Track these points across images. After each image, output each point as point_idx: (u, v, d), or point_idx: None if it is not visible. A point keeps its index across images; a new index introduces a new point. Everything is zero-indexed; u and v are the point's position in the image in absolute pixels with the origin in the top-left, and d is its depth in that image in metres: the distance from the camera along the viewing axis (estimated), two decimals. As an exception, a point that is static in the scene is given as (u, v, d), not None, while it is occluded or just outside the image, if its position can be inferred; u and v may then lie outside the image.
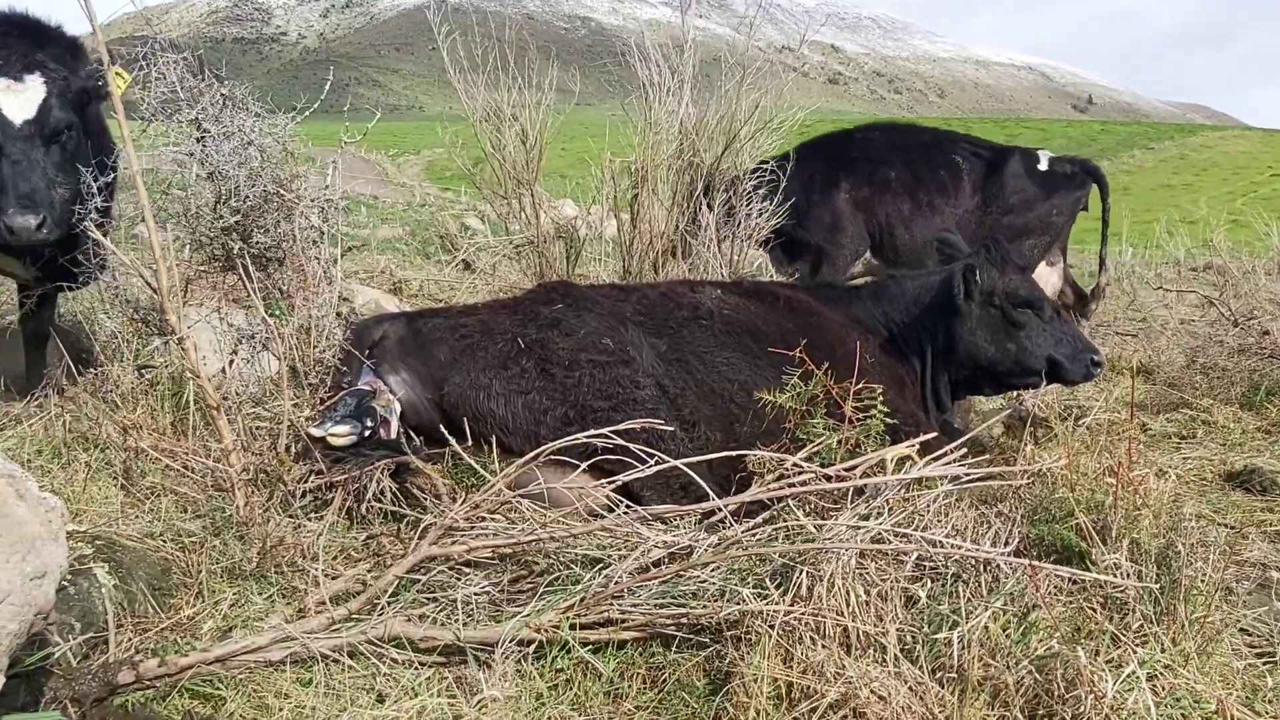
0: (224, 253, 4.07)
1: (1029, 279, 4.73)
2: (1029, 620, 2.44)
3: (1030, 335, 4.56)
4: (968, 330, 4.59)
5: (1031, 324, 4.58)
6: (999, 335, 4.59)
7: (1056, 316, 4.70)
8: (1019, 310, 4.57)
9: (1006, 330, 4.58)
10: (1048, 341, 4.57)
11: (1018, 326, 4.57)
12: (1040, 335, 4.57)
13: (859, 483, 2.84)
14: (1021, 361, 4.58)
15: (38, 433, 4.00)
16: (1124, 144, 65.09)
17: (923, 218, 7.89)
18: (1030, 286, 4.68)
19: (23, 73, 4.02)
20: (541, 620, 2.70)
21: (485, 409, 3.72)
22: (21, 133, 3.97)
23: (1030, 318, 4.58)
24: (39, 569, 1.99)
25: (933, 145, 8.27)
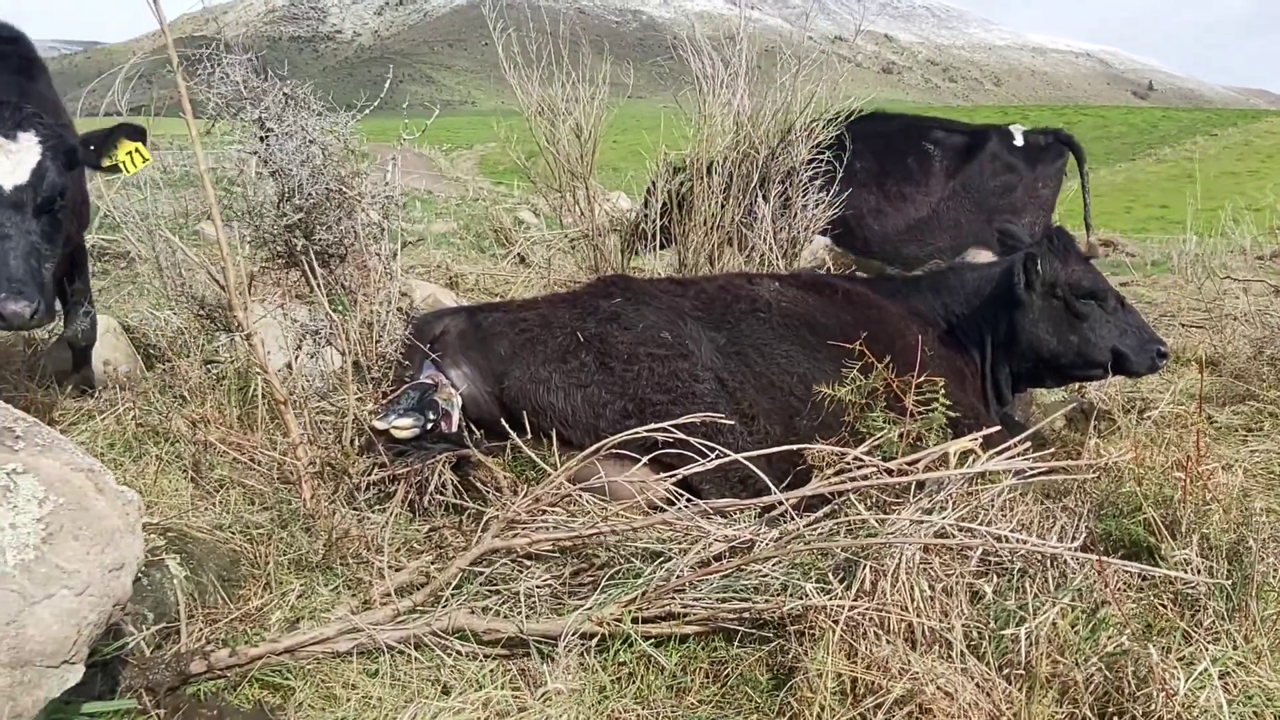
0: (287, 250, 4.13)
1: (1092, 269, 4.65)
2: (1098, 617, 2.41)
3: (1094, 326, 4.49)
4: (1029, 322, 4.52)
5: (1095, 315, 4.50)
6: (1061, 327, 4.52)
7: (1121, 307, 4.61)
8: (1082, 301, 4.50)
9: (1069, 321, 4.51)
10: (1112, 333, 4.50)
11: (1080, 318, 4.50)
12: (1104, 326, 4.50)
13: (922, 477, 2.82)
14: (1084, 353, 4.51)
15: (109, 426, 4.09)
16: (1186, 130, 63.73)
17: (893, 208, 7.84)
18: (1094, 277, 4.60)
19: (16, 129, 3.50)
20: (603, 613, 2.72)
21: (545, 402, 3.74)
22: (12, 200, 3.44)
23: (1093, 308, 4.51)
24: (117, 561, 2.04)
25: (901, 133, 8.16)
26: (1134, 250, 20.84)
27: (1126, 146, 61.06)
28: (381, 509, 3.57)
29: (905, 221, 7.91)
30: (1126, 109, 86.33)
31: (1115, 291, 4.62)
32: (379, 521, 3.47)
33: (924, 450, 3.03)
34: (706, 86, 6.64)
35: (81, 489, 2.08)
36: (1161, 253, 18.42)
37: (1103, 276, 4.67)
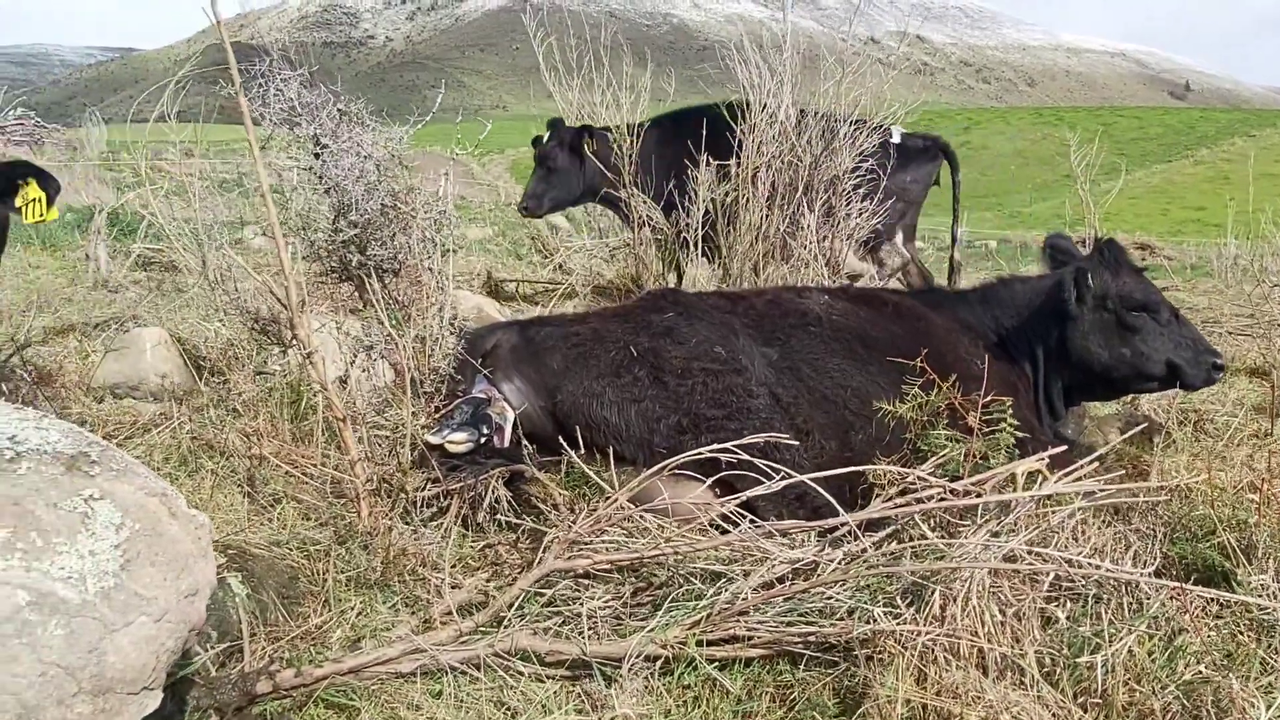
0: (341, 265, 4.14)
1: (1144, 281, 4.57)
2: (1176, 644, 2.37)
3: (1146, 339, 4.40)
4: (1080, 335, 4.45)
5: (1147, 327, 4.41)
6: (1113, 340, 4.43)
7: (1175, 319, 4.52)
8: (1133, 314, 4.41)
9: (1120, 334, 4.42)
10: (1165, 345, 4.40)
11: (1132, 330, 4.41)
12: (1157, 339, 4.40)
13: (990, 499, 2.78)
14: (1137, 366, 4.41)
15: (165, 440, 4.12)
16: (1224, 131, 63.07)
17: None
18: (1145, 289, 4.51)
19: None
20: (667, 635, 2.69)
21: (599, 417, 3.73)
22: None
23: (1145, 321, 4.42)
24: (192, 586, 2.04)
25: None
26: (1172, 254, 20.63)
27: (1163, 148, 60.49)
28: (436, 525, 3.57)
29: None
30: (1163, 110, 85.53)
31: (1169, 303, 4.54)
32: (434, 538, 3.47)
33: (989, 470, 2.99)
34: (753, 95, 6.60)
35: (156, 514, 2.08)
36: (1200, 256, 18.22)
37: (1155, 288, 4.60)
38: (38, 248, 9.59)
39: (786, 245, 6.85)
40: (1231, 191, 33.24)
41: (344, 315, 4.36)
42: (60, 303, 6.87)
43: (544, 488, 3.60)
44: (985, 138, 66.35)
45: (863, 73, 7.02)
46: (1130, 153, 52.68)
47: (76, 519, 1.94)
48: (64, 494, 1.96)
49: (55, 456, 2.02)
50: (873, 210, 6.89)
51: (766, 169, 6.72)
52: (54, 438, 2.07)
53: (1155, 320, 4.44)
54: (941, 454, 3.10)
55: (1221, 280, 11.94)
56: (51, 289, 7.40)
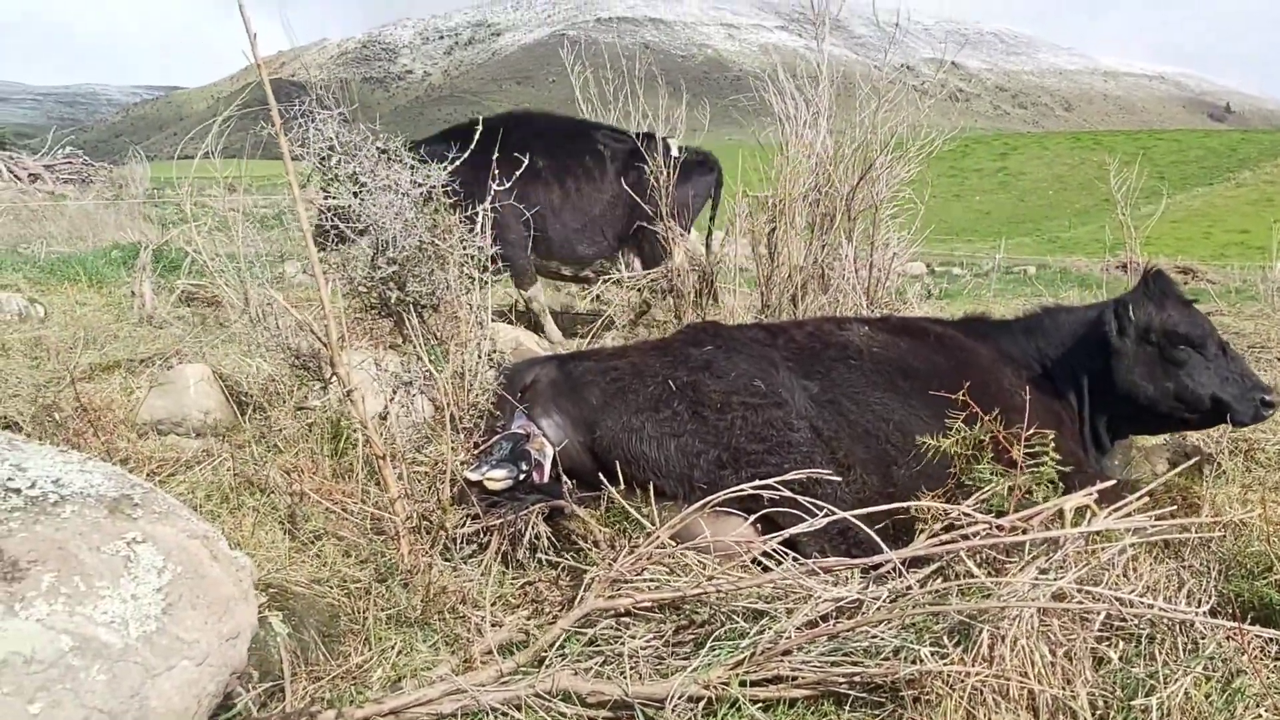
0: (380, 301, 4.16)
1: (1192, 313, 4.47)
2: (1234, 686, 2.30)
3: (1191, 373, 4.31)
4: (1124, 368, 4.37)
5: (1192, 361, 4.33)
6: (1157, 373, 4.36)
7: (1223, 353, 4.42)
8: (1178, 348, 4.33)
9: (1164, 368, 4.35)
10: (1211, 380, 4.30)
11: (1177, 364, 4.33)
12: (1202, 373, 4.31)
13: (1037, 535, 2.72)
14: (1183, 400, 4.32)
15: (206, 477, 4.14)
16: (1267, 153, 62.38)
17: (572, 206, 8.00)
18: (1191, 322, 4.42)
19: None
20: (710, 676, 2.65)
21: (638, 451, 3.71)
22: None
23: (1191, 355, 4.33)
24: (233, 630, 2.04)
25: (578, 133, 8.30)
26: (1215, 278, 20.35)
27: (1204, 171, 59.91)
28: (476, 562, 3.55)
29: (581, 220, 8.16)
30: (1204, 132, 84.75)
31: (1218, 337, 4.44)
32: (474, 575, 3.45)
33: (1035, 505, 2.93)
34: (789, 127, 6.60)
35: (197, 556, 2.08)
36: (1245, 280, 17.94)
37: (1204, 321, 4.50)
38: (84, 284, 9.74)
39: (825, 275, 6.83)
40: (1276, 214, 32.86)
41: (383, 351, 4.38)
42: (106, 339, 6.95)
43: (584, 524, 3.58)
44: (1022, 163, 66.06)
45: (898, 101, 7.00)
46: (1170, 176, 52.23)
47: (119, 562, 1.94)
48: (107, 537, 1.97)
49: (99, 500, 2.03)
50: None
51: (803, 200, 6.71)
52: (97, 480, 2.08)
53: (1201, 354, 4.35)
54: (986, 489, 3.05)
55: (1268, 304, 11.74)
56: (98, 325, 7.49)
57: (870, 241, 6.90)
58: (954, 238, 44.09)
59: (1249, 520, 3.06)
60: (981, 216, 54.39)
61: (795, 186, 6.55)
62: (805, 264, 6.69)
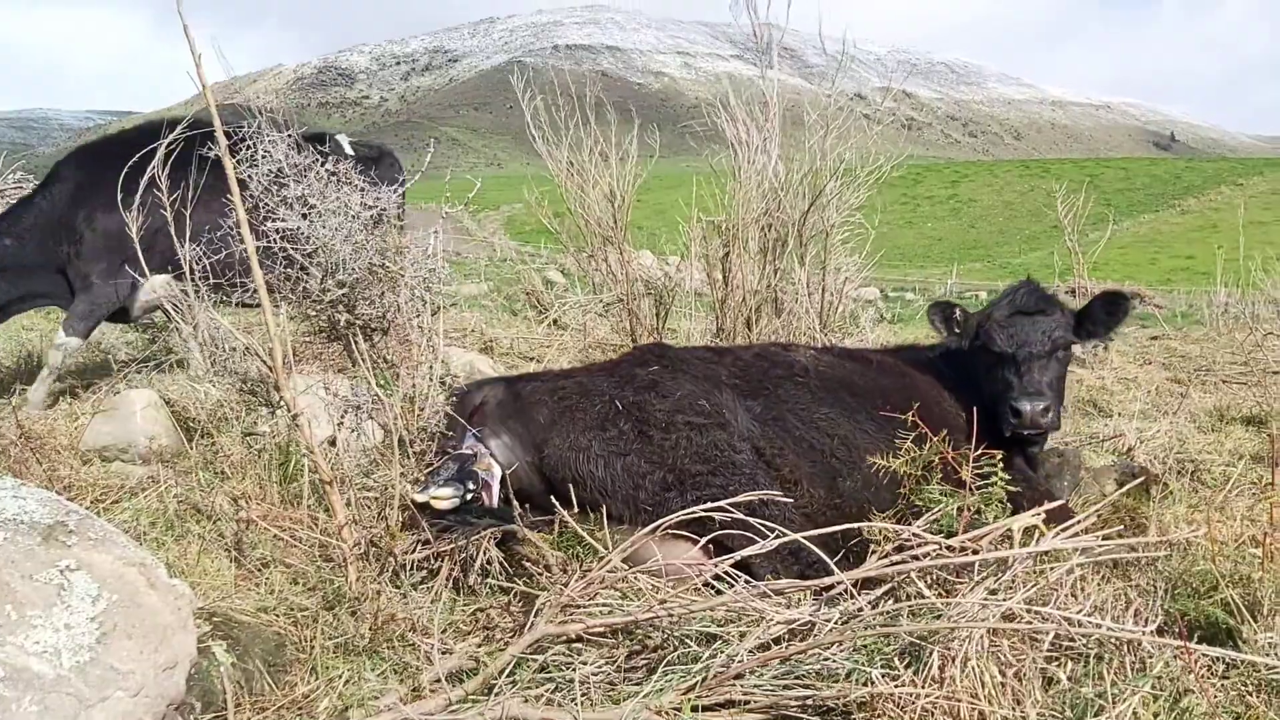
0: (329, 324, 4.11)
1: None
2: (1182, 705, 2.31)
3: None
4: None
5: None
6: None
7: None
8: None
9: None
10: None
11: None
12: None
13: (989, 555, 2.73)
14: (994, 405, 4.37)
15: (151, 504, 4.06)
16: (1211, 180, 63.80)
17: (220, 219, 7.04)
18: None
19: None
20: (662, 701, 2.63)
21: (585, 471, 3.69)
22: None
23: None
24: (171, 660, 1.99)
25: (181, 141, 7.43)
26: (1162, 302, 20.73)
27: (1150, 198, 61.14)
28: (426, 588, 3.50)
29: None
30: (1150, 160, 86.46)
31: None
32: (423, 602, 3.40)
33: (985, 525, 2.94)
34: (741, 153, 6.65)
35: (134, 585, 2.03)
36: (1190, 304, 18.29)
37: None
38: (31, 310, 9.57)
39: (778, 299, 6.87)
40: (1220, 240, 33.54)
41: (333, 375, 4.33)
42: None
43: (536, 548, 3.54)
44: (973, 191, 67.03)
45: (847, 128, 7.07)
46: (1117, 203, 53.22)
47: (52, 591, 1.89)
48: (40, 565, 1.92)
49: (32, 526, 1.98)
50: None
51: (756, 224, 6.75)
52: (31, 507, 2.03)
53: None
54: (936, 509, 3.06)
55: (1213, 328, 11.97)
56: (44, 350, 7.35)
57: (823, 266, 6.96)
58: (907, 263, 44.61)
59: (1195, 540, 3.09)
60: (934, 243, 55.06)
61: (748, 211, 6.59)
62: (759, 288, 6.72)
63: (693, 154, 8.54)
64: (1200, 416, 6.68)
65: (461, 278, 15.57)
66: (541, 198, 9.00)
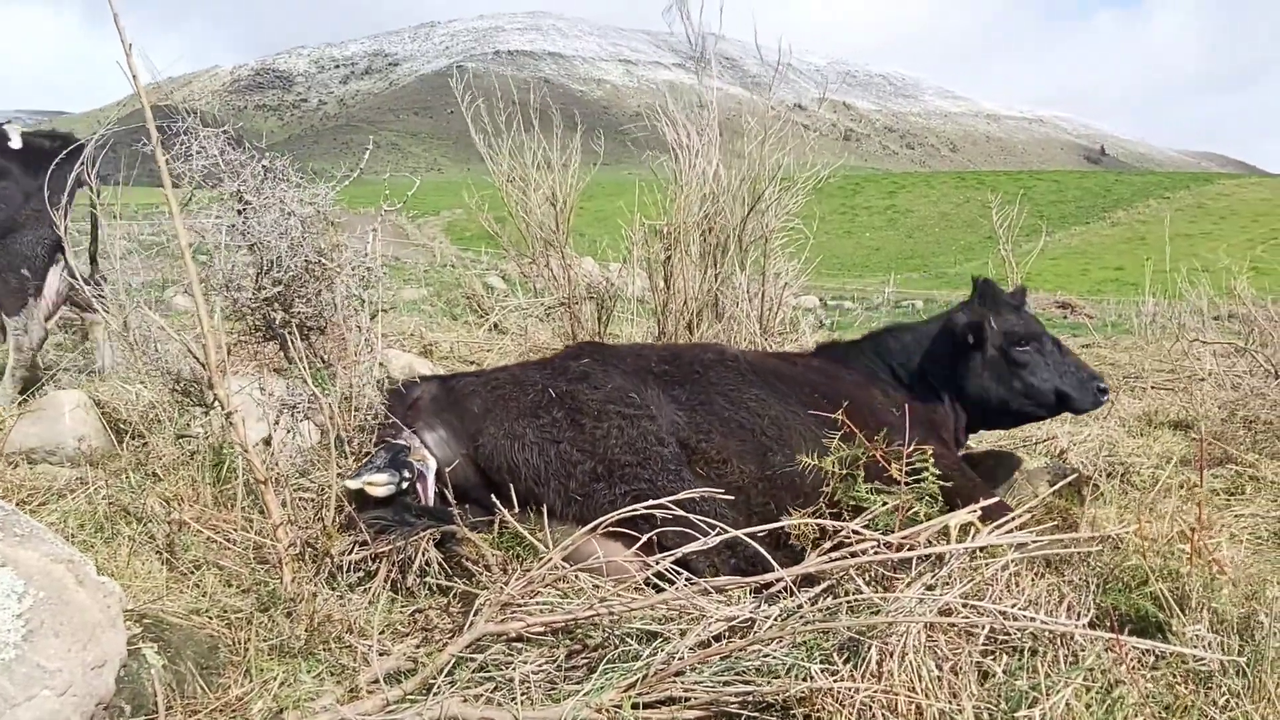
0: (265, 323, 4.05)
1: (1024, 315, 4.78)
2: (1113, 696, 2.35)
3: (1035, 371, 4.62)
4: (973, 375, 4.65)
5: (1034, 361, 4.63)
6: (1004, 376, 4.64)
7: (1057, 348, 4.72)
8: (1020, 349, 4.62)
9: (1011, 370, 4.63)
10: (1052, 375, 4.62)
11: (1020, 365, 4.62)
12: (1044, 370, 4.62)
13: (925, 551, 2.77)
14: (1031, 396, 4.63)
15: (80, 506, 3.97)
16: (1139, 194, 65.23)
17: None
18: (1027, 324, 4.72)
19: None
20: (602, 699, 2.62)
21: (520, 458, 3.69)
22: None
23: (1031, 355, 4.63)
24: (99, 658, 1.94)
25: None
26: (1092, 312, 21.17)
27: (1081, 210, 62.35)
28: (364, 590, 3.46)
29: None
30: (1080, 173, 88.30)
31: (1050, 335, 4.77)
32: (361, 603, 3.36)
33: (919, 522, 2.98)
34: (681, 156, 6.67)
35: (62, 581, 1.98)
36: (1120, 314, 18.69)
37: (1035, 321, 4.82)
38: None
39: (719, 304, 6.90)
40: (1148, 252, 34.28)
41: (268, 375, 4.26)
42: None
43: (476, 548, 3.52)
44: (910, 201, 67.87)
45: (785, 134, 7.14)
46: (1050, 215, 54.21)
47: (-25, 588, 1.84)
48: (-38, 561, 1.86)
49: (-47, 522, 1.92)
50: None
51: (697, 229, 6.78)
52: (-47, 503, 1.97)
53: (1039, 352, 4.65)
54: (873, 508, 3.08)
55: (1141, 337, 12.25)
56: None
57: (762, 272, 7.01)
58: (845, 273, 45.04)
59: (1125, 536, 3.15)
60: (872, 252, 55.65)
61: (689, 215, 6.61)
62: (700, 293, 6.75)
63: (635, 162, 8.55)
64: (1129, 421, 6.83)
65: (401, 282, 15.44)
66: (483, 201, 8.95)
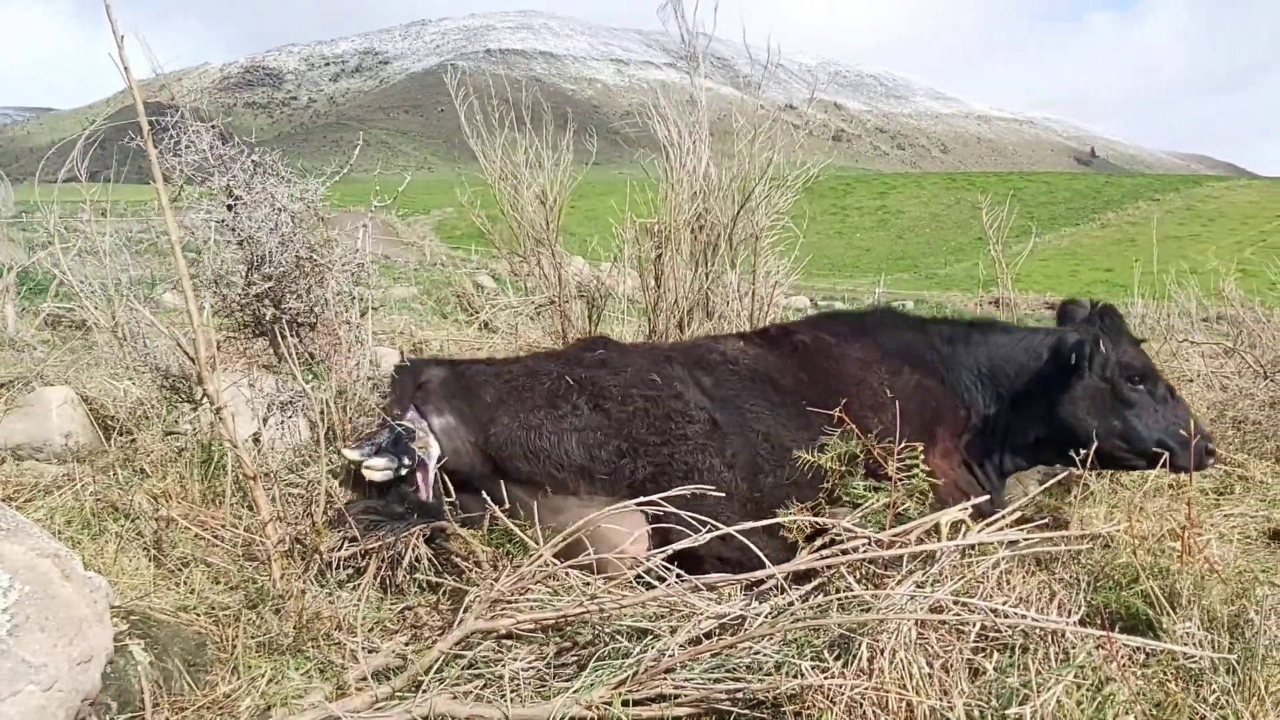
0: (255, 319, 4.03)
1: (1142, 353, 4.33)
2: (1104, 693, 2.35)
3: (1140, 414, 4.15)
4: (1069, 400, 4.19)
5: (1143, 402, 4.17)
6: (1105, 410, 4.18)
7: (1171, 397, 4.26)
8: (1132, 387, 4.18)
9: (1114, 406, 4.18)
10: (1158, 424, 4.15)
11: (1127, 404, 4.17)
12: (1151, 416, 4.16)
13: (915, 549, 2.76)
14: (1128, 440, 4.15)
15: (67, 502, 3.94)
16: (1129, 195, 65.45)
17: None
18: (1145, 362, 4.29)
19: None
20: (592, 696, 2.61)
21: (536, 446, 3.65)
22: None
23: (1141, 395, 4.18)
24: (86, 653, 1.93)
25: None
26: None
27: (1071, 212, 62.54)
28: (353, 586, 3.44)
29: None
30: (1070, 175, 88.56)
31: (1165, 380, 4.31)
32: (350, 600, 3.34)
33: (911, 520, 2.98)
34: (672, 154, 6.66)
35: (47, 576, 1.97)
36: (1110, 315, 18.73)
37: (1151, 363, 4.37)
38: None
39: (709, 302, 6.89)
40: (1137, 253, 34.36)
41: (258, 371, 4.24)
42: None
43: (466, 544, 3.50)
44: (901, 202, 67.96)
45: (774, 134, 7.13)
46: (1039, 216, 54.35)
47: (-40, 582, 1.82)
48: (-53, 555, 1.85)
49: (-61, 516, 1.91)
50: None
51: (688, 227, 6.77)
52: (-62, 496, 1.95)
53: (1151, 395, 4.21)
54: (865, 504, 3.08)
55: (1132, 337, 12.27)
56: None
57: (753, 270, 7.00)
58: (836, 273, 45.11)
59: (1116, 534, 3.15)
60: (862, 253, 55.72)
61: (679, 213, 6.60)
62: (691, 291, 6.74)
63: (626, 161, 8.56)
64: (1119, 421, 6.81)
65: (391, 281, 15.39)
66: (474, 198, 8.93)
